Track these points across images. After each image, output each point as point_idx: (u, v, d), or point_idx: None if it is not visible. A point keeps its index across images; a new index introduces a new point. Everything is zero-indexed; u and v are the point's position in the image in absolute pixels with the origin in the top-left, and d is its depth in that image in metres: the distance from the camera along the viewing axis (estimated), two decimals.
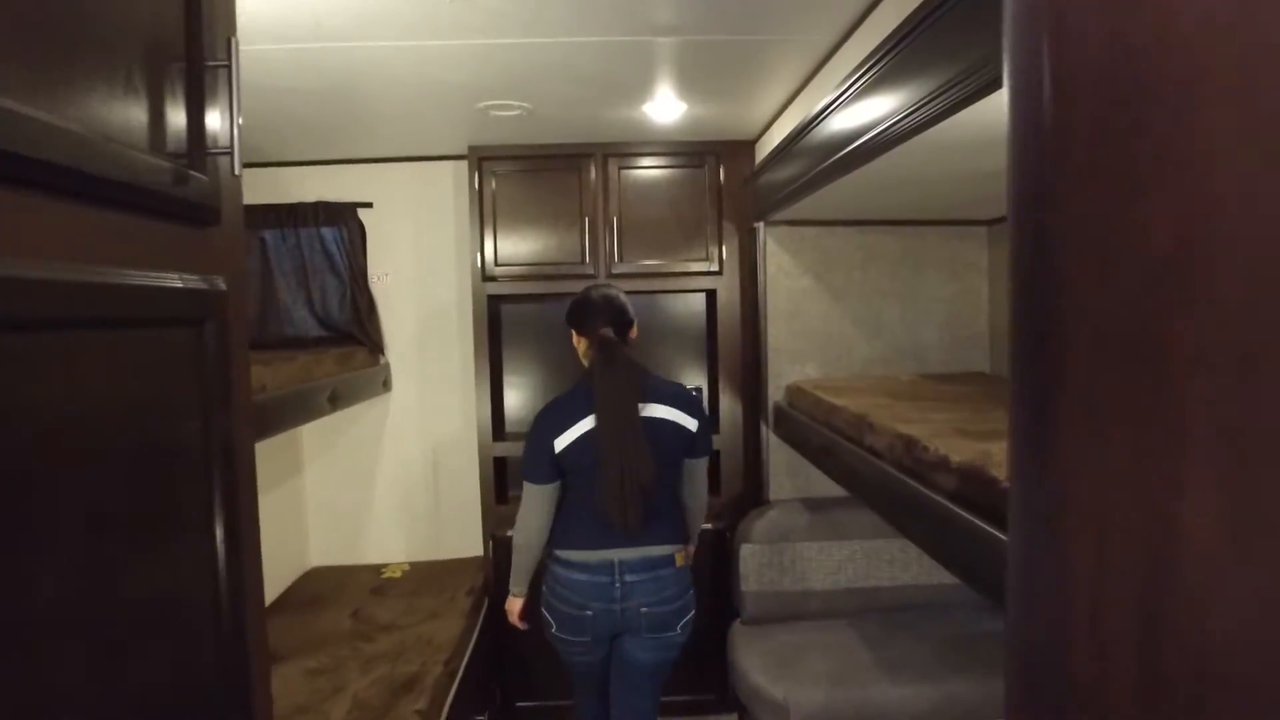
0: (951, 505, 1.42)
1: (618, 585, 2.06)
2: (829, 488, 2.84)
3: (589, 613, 2.07)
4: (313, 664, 2.39)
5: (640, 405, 2.07)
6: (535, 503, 2.13)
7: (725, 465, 3.08)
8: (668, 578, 2.10)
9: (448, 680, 2.38)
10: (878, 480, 1.76)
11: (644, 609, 2.07)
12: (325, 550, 3.30)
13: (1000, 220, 2.79)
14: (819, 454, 2.20)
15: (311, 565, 3.29)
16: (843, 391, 2.38)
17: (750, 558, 2.74)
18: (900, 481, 1.63)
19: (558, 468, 2.11)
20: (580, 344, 2.23)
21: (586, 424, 2.07)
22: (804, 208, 2.57)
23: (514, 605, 2.29)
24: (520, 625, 2.31)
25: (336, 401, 2.59)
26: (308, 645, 2.52)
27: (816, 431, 2.28)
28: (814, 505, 2.81)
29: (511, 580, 2.27)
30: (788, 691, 2.30)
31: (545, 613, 2.15)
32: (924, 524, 1.52)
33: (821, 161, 2.10)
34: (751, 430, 3.00)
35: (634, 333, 2.25)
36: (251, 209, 3.08)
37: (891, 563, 2.77)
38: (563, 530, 2.14)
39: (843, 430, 2.09)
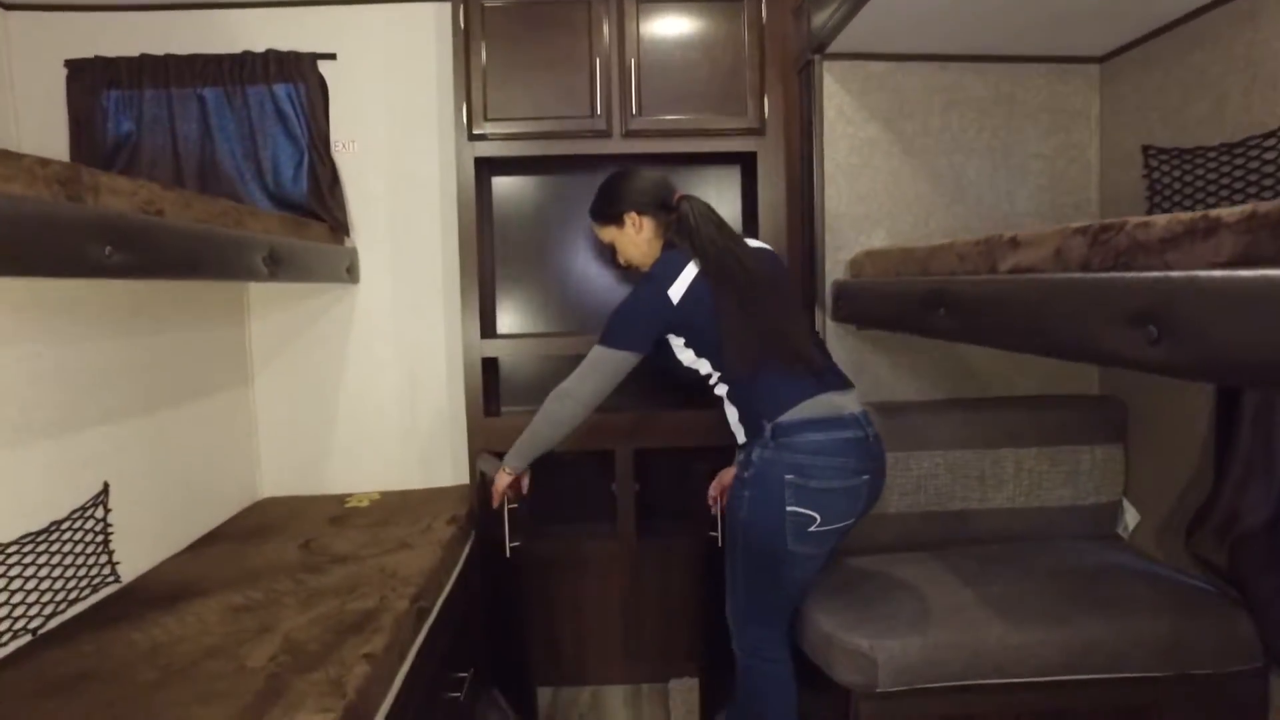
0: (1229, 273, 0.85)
1: (872, 440, 1.75)
2: (900, 388, 2.29)
3: (866, 477, 1.73)
4: (239, 599, 1.82)
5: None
6: (610, 373, 1.81)
7: None
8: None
9: (415, 621, 1.82)
10: (1042, 304, 1.18)
11: (885, 468, 1.81)
12: (279, 478, 2.73)
13: (1117, 53, 2.21)
14: (919, 310, 1.62)
15: (263, 496, 2.73)
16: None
17: None
18: (1094, 284, 1.05)
19: (665, 327, 1.81)
20: (645, 229, 1.93)
21: (693, 268, 1.78)
22: (870, 33, 2.03)
23: (504, 480, 1.97)
24: (503, 496, 2.06)
25: (279, 267, 2.02)
26: (240, 579, 1.95)
27: (908, 287, 1.71)
28: (885, 410, 2.23)
29: (513, 455, 1.98)
30: (873, 639, 1.73)
31: (795, 509, 1.68)
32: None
33: None
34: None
35: None
36: (189, 60, 2.53)
37: (982, 480, 2.20)
38: (778, 385, 1.73)
39: (955, 269, 1.52)
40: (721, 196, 2.74)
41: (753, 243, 1.93)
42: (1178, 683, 1.75)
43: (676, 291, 1.76)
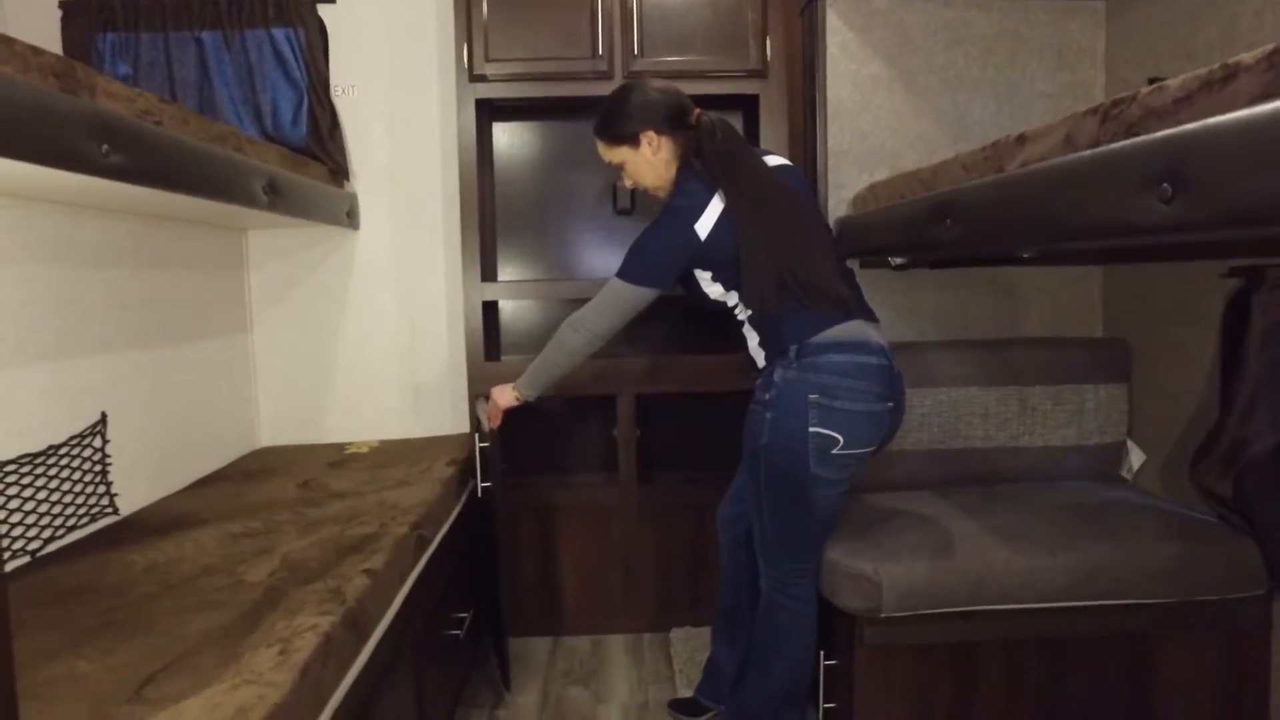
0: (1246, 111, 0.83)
1: (895, 371, 1.71)
2: (904, 330, 2.28)
3: (890, 404, 1.69)
4: (238, 529, 1.80)
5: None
6: (626, 307, 1.76)
7: None
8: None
9: (415, 547, 1.80)
10: (1052, 192, 1.16)
11: (903, 399, 1.76)
12: (278, 427, 2.71)
13: None
14: (924, 225, 1.60)
15: (261, 445, 2.71)
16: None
17: None
18: (1105, 157, 1.04)
19: (692, 262, 1.74)
20: (663, 150, 1.78)
21: (718, 202, 1.69)
22: None
23: (507, 398, 1.96)
24: (494, 420, 2.00)
25: (278, 198, 2.00)
26: (237, 512, 1.94)
27: (913, 208, 1.69)
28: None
29: (524, 381, 1.94)
30: (878, 564, 1.72)
31: (818, 430, 1.62)
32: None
33: None
34: None
35: None
36: (186, 3, 2.50)
37: (986, 417, 2.18)
38: (796, 318, 1.67)
39: (960, 180, 1.50)
40: None
41: (774, 159, 1.81)
42: (1182, 609, 1.74)
43: (705, 226, 1.67)
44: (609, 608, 2.61)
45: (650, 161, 1.77)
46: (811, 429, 1.62)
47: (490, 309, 2.55)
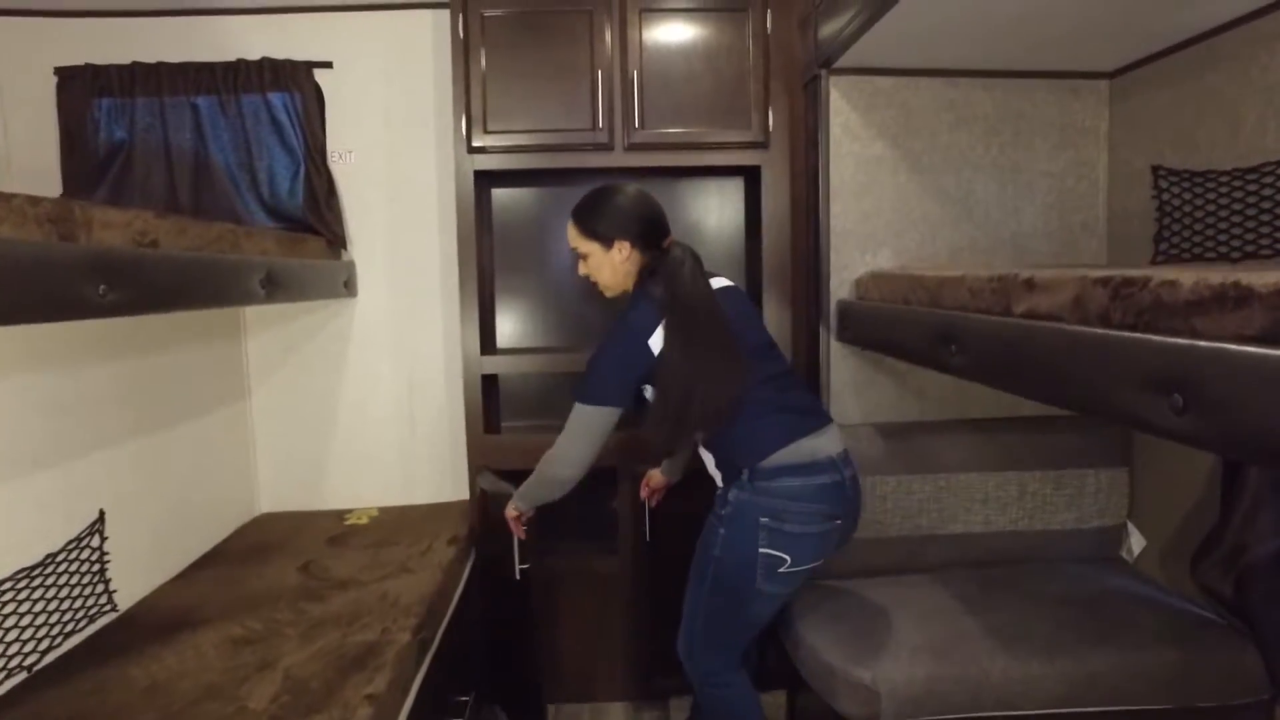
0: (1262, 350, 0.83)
1: (847, 484, 1.74)
2: (905, 408, 2.27)
3: (838, 522, 1.73)
4: (239, 631, 1.80)
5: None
6: (596, 430, 1.75)
7: None
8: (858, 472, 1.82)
9: (417, 653, 1.79)
10: (1060, 356, 1.16)
11: (859, 510, 1.81)
12: (277, 493, 2.70)
13: (1127, 70, 2.18)
14: (930, 344, 1.59)
15: (261, 512, 2.70)
16: (931, 271, 1.79)
17: None
18: (1117, 343, 1.03)
19: (645, 378, 1.74)
20: (630, 260, 1.83)
21: (662, 324, 1.71)
22: (878, 48, 2.00)
23: (510, 514, 2.01)
24: (517, 532, 2.06)
25: (276, 289, 1.98)
26: (238, 606, 1.93)
27: (917, 318, 1.68)
28: (888, 431, 2.22)
29: (520, 498, 1.97)
30: (876, 671, 1.72)
31: (767, 551, 1.69)
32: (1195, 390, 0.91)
33: None
34: (806, 341, 2.40)
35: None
36: (182, 68, 2.47)
37: (985, 502, 2.18)
38: (754, 433, 1.72)
39: (966, 304, 1.49)
40: (724, 206, 2.71)
41: (719, 282, 1.86)
42: (1182, 715, 1.74)
43: (656, 342, 1.70)
44: (608, 676, 2.61)
45: (615, 266, 1.83)
46: (761, 550, 1.69)
47: (489, 380, 2.53)
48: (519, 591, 2.22)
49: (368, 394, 2.69)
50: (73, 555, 1.77)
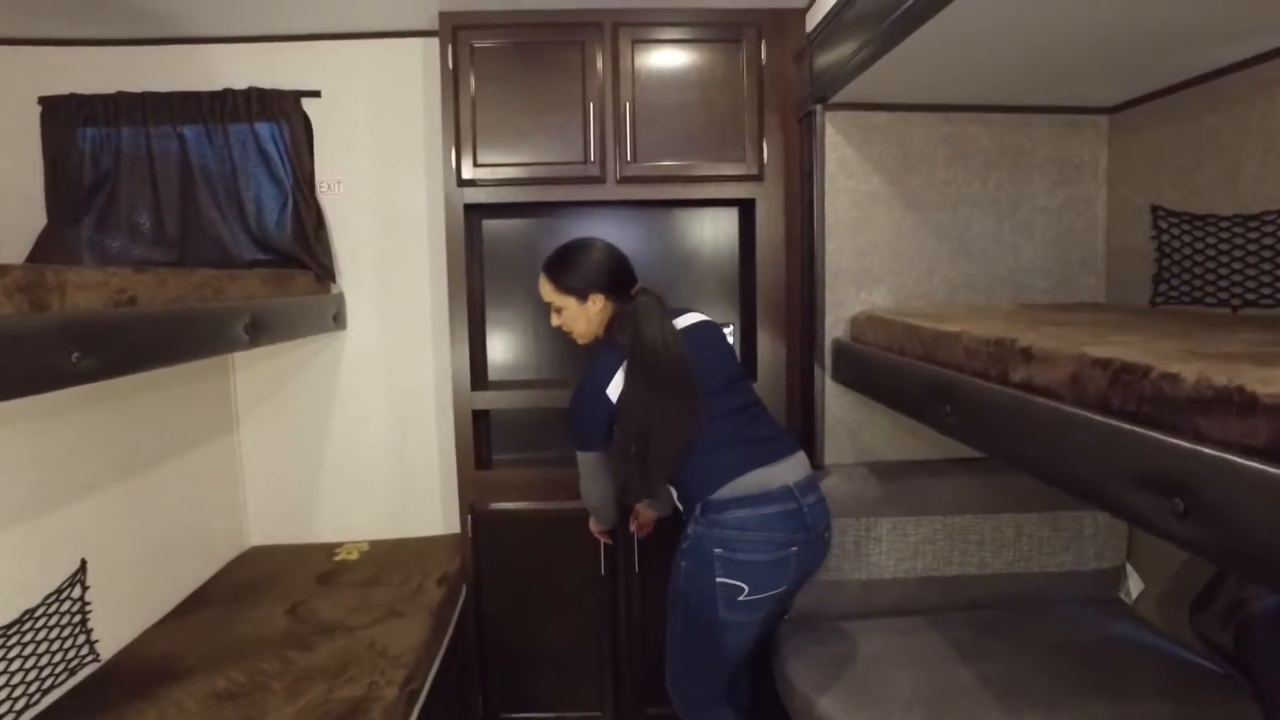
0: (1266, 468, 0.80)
1: (805, 511, 1.77)
2: (901, 447, 2.24)
3: (794, 549, 1.76)
4: (223, 684, 1.77)
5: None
6: (595, 470, 1.96)
7: None
8: (825, 498, 1.87)
9: (404, 707, 1.77)
10: (1058, 436, 1.13)
11: (825, 534, 1.85)
12: (267, 526, 2.67)
13: (1128, 106, 2.15)
14: (924, 400, 1.57)
15: (251, 544, 2.67)
16: (935, 319, 1.76)
17: None
18: (1117, 434, 1.00)
19: (610, 422, 1.85)
20: (603, 310, 1.93)
21: (623, 368, 1.82)
22: (876, 84, 1.96)
23: (597, 528, 2.23)
24: (606, 540, 2.33)
25: (261, 332, 1.95)
26: (223, 654, 1.91)
27: (912, 372, 1.65)
28: (883, 471, 2.19)
29: (599, 521, 2.18)
30: None
31: (724, 580, 1.73)
32: (1194, 497, 0.89)
33: (897, 9, 1.55)
34: (800, 377, 2.36)
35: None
36: (167, 98, 2.44)
37: (981, 544, 2.15)
38: (706, 468, 1.79)
39: (962, 364, 1.46)
40: (719, 235, 2.68)
41: (688, 320, 1.94)
42: None
43: (614, 391, 1.81)
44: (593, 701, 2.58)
45: (589, 316, 1.93)
46: (718, 579, 1.73)
47: (481, 417, 2.49)
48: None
49: (358, 427, 2.66)
50: (52, 609, 1.75)
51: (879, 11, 1.64)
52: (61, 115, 2.46)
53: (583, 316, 1.93)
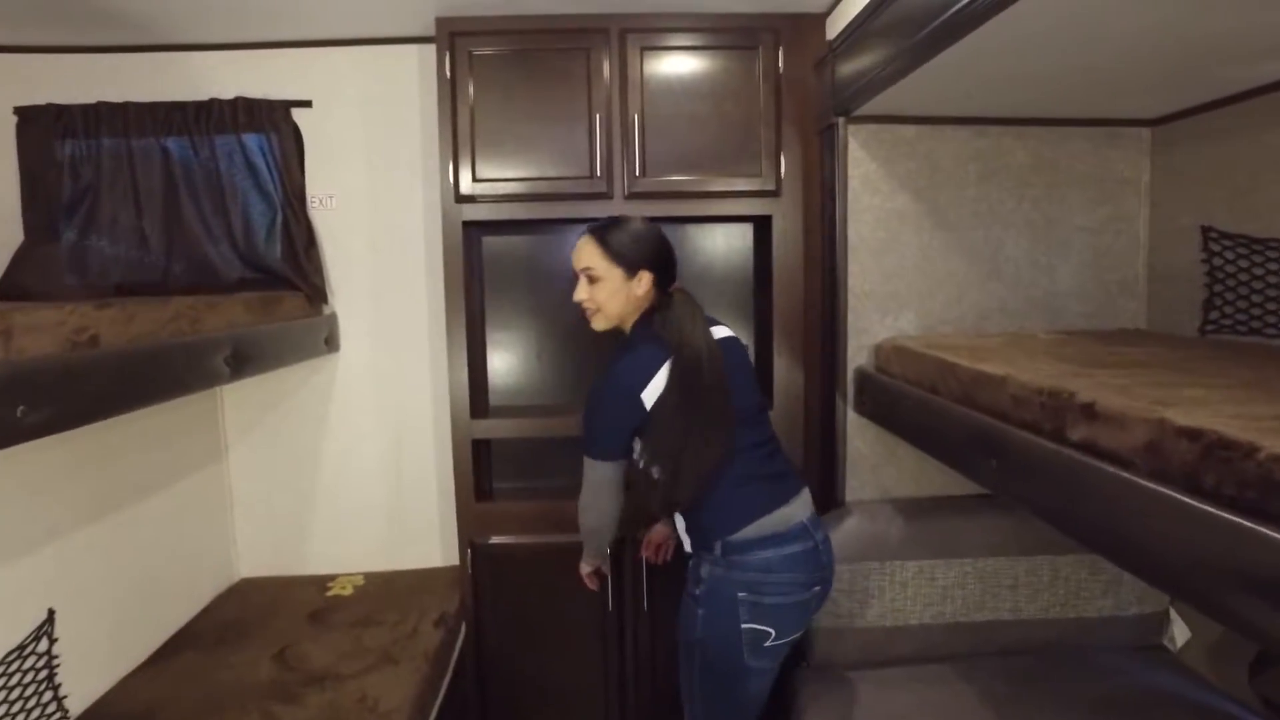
0: None
1: (820, 549, 1.66)
2: (928, 481, 2.10)
3: (817, 588, 1.66)
4: None
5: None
6: (607, 482, 1.69)
7: None
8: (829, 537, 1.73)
9: None
10: (1132, 514, 0.99)
11: (831, 576, 1.72)
12: (258, 557, 2.54)
13: (1172, 119, 2.00)
14: (965, 450, 1.43)
15: (241, 576, 2.54)
16: (969, 352, 1.62)
17: None
18: (1216, 523, 0.86)
19: (636, 431, 1.64)
20: (645, 294, 1.71)
21: (665, 370, 1.59)
22: (904, 95, 1.81)
23: (586, 570, 1.97)
24: (593, 585, 2.00)
25: (244, 364, 1.82)
26: (204, 708, 1.78)
27: (950, 416, 1.51)
28: (908, 509, 2.05)
29: (590, 555, 1.92)
30: None
31: (750, 626, 1.59)
32: None
33: (937, 17, 1.39)
34: (820, 407, 2.22)
35: None
36: (150, 108, 2.30)
37: (1015, 589, 2.01)
38: (728, 504, 1.62)
39: (1008, 412, 1.32)
40: (731, 254, 2.54)
41: (720, 331, 1.74)
42: None
43: (650, 396, 1.59)
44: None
45: (629, 296, 1.70)
46: (744, 625, 1.59)
47: (481, 446, 2.36)
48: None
49: (351, 453, 2.53)
50: (14, 666, 1.62)
51: (916, 18, 1.49)
52: (38, 126, 2.33)
53: (622, 295, 1.69)
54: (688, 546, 1.73)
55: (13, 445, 1.14)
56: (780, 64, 2.21)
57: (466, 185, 2.20)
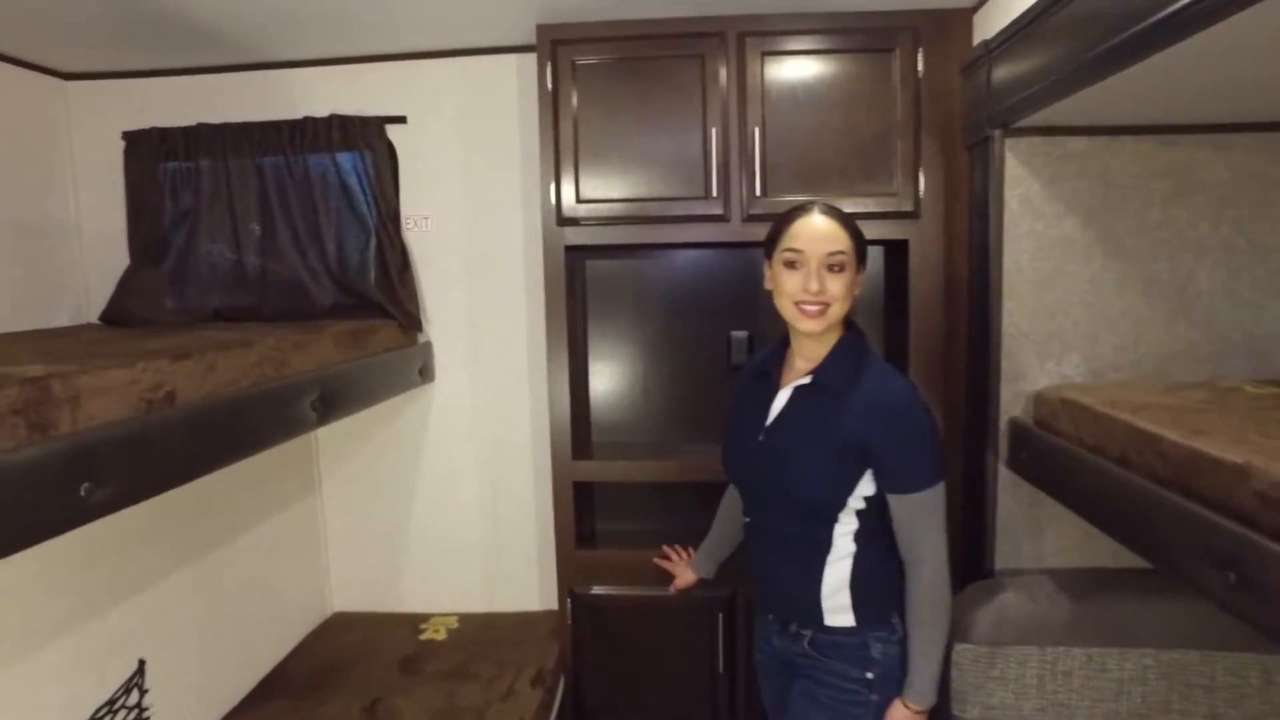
0: None
1: None
2: (1094, 551, 1.80)
3: None
4: None
5: None
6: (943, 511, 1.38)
7: None
8: None
9: None
10: None
11: None
12: (351, 591, 2.47)
13: None
14: (1184, 553, 1.15)
15: (335, 610, 2.47)
16: (1170, 416, 1.32)
17: (968, 666, 1.71)
18: None
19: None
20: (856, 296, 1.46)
21: None
22: (1076, 102, 1.49)
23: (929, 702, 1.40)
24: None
25: (331, 408, 1.70)
26: None
27: (1153, 499, 1.23)
28: (1073, 585, 1.75)
29: (930, 683, 1.38)
30: None
31: None
32: None
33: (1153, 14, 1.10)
34: (964, 460, 1.95)
35: None
36: (246, 128, 2.24)
37: (1211, 690, 1.68)
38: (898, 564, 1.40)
39: (1253, 513, 1.03)
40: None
41: None
42: None
43: None
44: None
45: (854, 295, 1.41)
46: None
47: (583, 489, 2.19)
48: None
49: (447, 487, 2.41)
50: None
51: (1117, 13, 1.21)
52: (143, 150, 2.30)
53: (853, 292, 1.40)
54: (839, 618, 1.40)
55: (78, 527, 1.03)
56: (920, 68, 1.94)
57: (569, 205, 2.03)
